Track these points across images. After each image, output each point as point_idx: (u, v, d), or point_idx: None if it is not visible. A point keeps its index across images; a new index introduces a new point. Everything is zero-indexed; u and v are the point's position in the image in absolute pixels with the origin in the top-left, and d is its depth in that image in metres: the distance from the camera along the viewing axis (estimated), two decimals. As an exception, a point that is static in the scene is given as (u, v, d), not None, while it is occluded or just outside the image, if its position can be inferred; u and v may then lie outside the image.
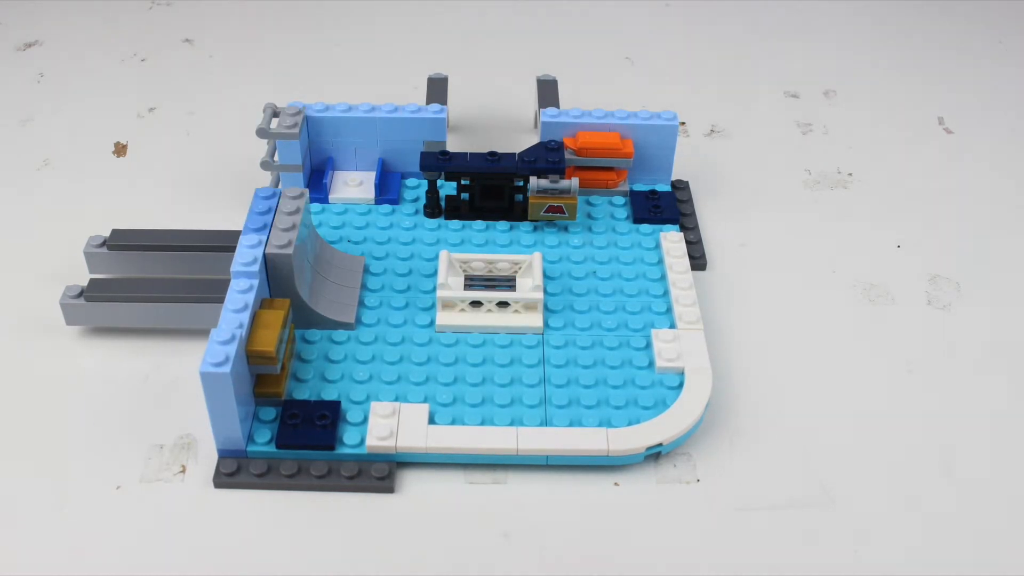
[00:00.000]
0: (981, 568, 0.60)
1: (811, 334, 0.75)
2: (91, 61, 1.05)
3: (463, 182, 0.80)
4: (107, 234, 0.77)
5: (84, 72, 1.03)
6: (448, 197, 0.82)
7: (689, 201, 0.85)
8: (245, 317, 0.63)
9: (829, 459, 0.66)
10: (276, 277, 0.69)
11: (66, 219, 0.83)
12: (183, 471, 0.64)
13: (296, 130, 0.80)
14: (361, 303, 0.74)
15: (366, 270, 0.76)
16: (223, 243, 0.75)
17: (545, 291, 0.75)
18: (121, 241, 0.76)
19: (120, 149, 0.93)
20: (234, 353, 0.60)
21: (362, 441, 0.64)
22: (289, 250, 0.68)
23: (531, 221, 0.81)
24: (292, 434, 0.64)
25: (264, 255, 0.68)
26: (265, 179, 0.86)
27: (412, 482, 0.64)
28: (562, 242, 0.80)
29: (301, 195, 0.72)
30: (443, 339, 0.71)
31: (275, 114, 0.83)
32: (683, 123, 0.97)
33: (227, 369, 0.59)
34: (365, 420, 0.65)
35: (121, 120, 0.96)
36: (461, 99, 0.99)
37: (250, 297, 0.65)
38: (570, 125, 0.83)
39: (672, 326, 0.72)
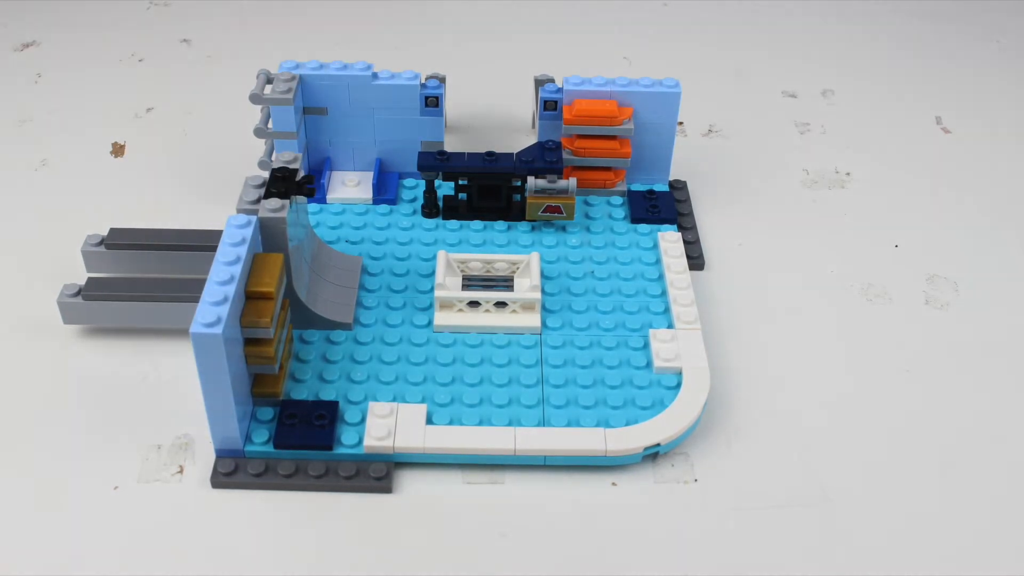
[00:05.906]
0: (980, 567, 0.60)
1: (809, 334, 0.75)
2: (89, 61, 1.05)
3: (461, 182, 0.80)
4: (105, 233, 0.77)
5: (82, 72, 1.03)
6: (446, 197, 0.82)
7: (687, 201, 0.85)
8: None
9: (827, 458, 0.66)
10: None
11: (64, 218, 0.83)
12: (181, 471, 0.64)
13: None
14: (359, 303, 0.73)
15: (364, 270, 0.76)
16: (221, 243, 0.75)
17: (543, 291, 0.75)
18: (119, 240, 0.76)
19: (118, 149, 0.92)
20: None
21: (360, 441, 0.64)
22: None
23: (529, 221, 0.81)
24: (290, 434, 0.63)
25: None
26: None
27: (410, 482, 0.64)
28: (560, 242, 0.80)
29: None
30: (441, 339, 0.71)
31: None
32: (681, 123, 0.97)
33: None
34: (363, 420, 0.65)
35: (119, 120, 0.96)
36: (459, 99, 0.98)
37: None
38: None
39: (670, 326, 0.72)
